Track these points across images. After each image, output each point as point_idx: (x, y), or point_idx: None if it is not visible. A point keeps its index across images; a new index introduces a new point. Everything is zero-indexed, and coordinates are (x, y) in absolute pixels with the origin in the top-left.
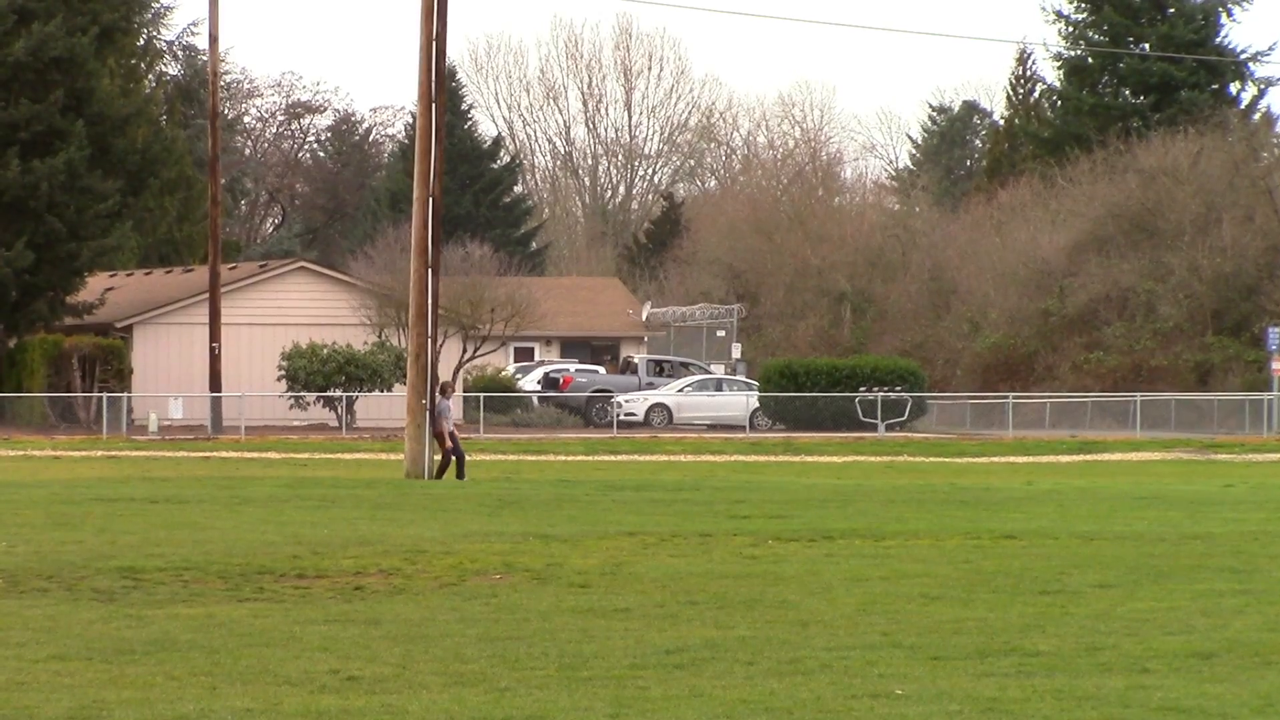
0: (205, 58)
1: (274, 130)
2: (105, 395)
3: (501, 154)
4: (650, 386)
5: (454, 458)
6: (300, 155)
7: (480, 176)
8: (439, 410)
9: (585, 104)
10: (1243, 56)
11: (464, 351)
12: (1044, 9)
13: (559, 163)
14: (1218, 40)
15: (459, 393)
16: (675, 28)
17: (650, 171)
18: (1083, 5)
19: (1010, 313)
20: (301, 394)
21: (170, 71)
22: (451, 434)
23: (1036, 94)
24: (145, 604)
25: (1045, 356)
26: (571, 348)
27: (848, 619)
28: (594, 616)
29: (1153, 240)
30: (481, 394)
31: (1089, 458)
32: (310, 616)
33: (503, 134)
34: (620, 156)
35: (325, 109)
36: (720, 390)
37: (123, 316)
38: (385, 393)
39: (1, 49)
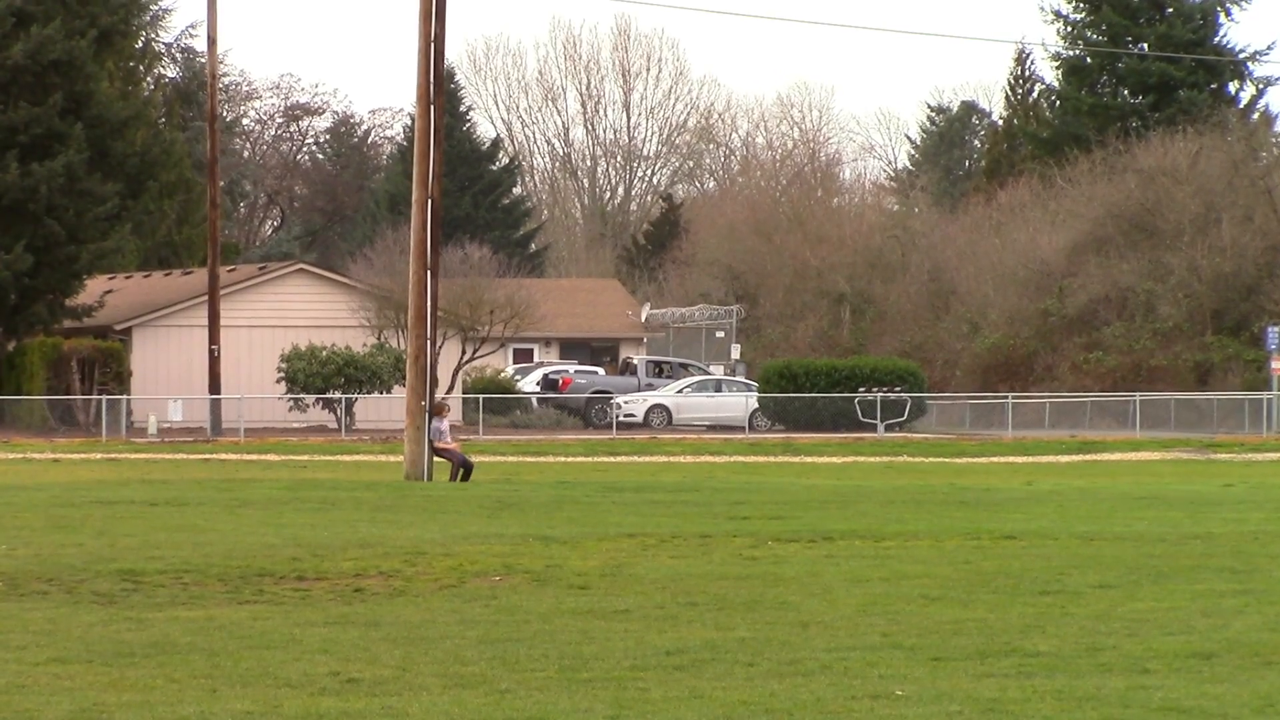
0: (204, 60)
1: (273, 132)
2: (104, 398)
3: (500, 156)
4: (649, 388)
5: (454, 463)
6: (299, 157)
7: (479, 178)
8: (434, 434)
9: (584, 105)
10: (1241, 56)
11: (463, 353)
12: (1042, 9)
13: (558, 164)
14: (1216, 40)
15: (458, 394)
16: (673, 29)
17: (649, 173)
18: (1081, 5)
19: (1009, 313)
20: (301, 396)
21: (169, 74)
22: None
23: (1035, 94)
24: (145, 607)
25: (1044, 357)
26: (571, 349)
27: (848, 620)
28: (594, 618)
29: (1152, 240)
30: (481, 395)
31: (1088, 458)
32: (310, 619)
33: (501, 136)
34: (619, 158)
35: (324, 111)
36: (719, 391)
37: (122, 319)
38: (384, 395)
39: (0, 52)
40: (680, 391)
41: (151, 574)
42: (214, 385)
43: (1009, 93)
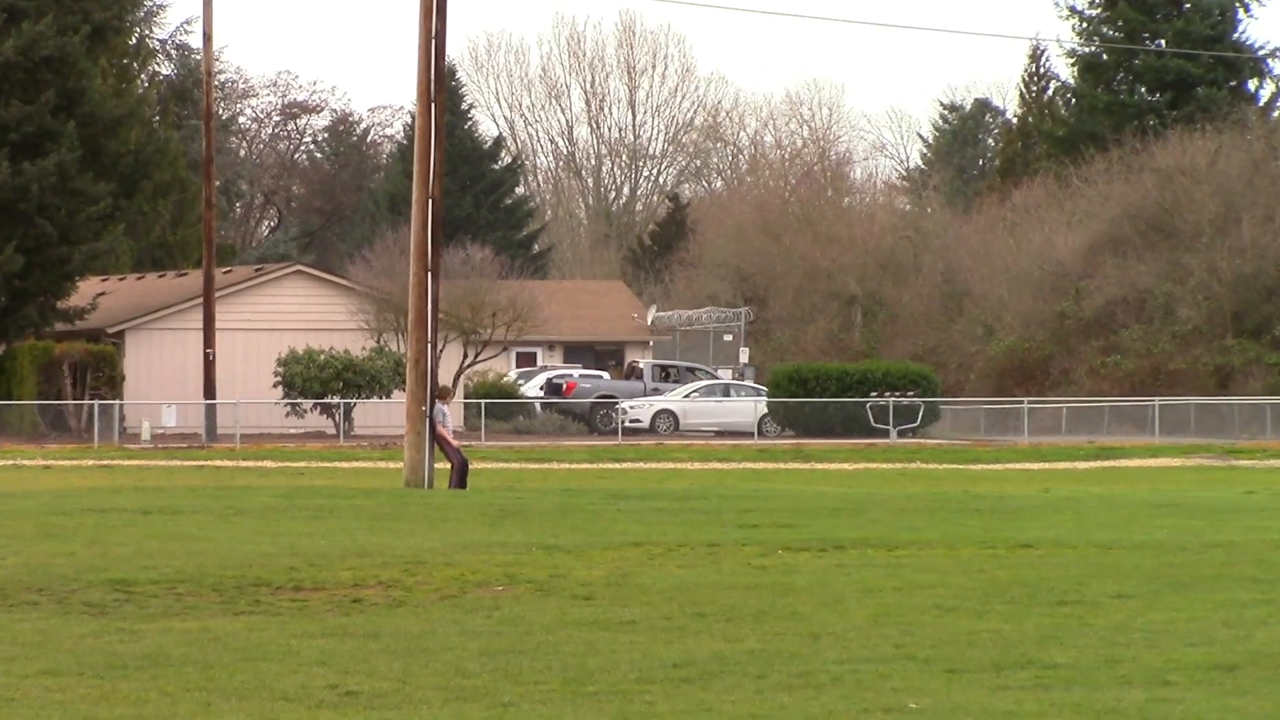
0: (199, 57)
1: (269, 131)
2: (97, 403)
3: (503, 155)
4: (656, 392)
5: (453, 463)
6: (296, 156)
7: (481, 178)
8: (437, 415)
9: (588, 103)
10: (1261, 53)
11: (465, 357)
12: (1057, 5)
13: (561, 163)
14: (1235, 36)
15: (459, 399)
16: (679, 25)
17: (655, 172)
18: (1097, 1)
19: (1025, 316)
20: (298, 401)
21: (163, 71)
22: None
23: (1050, 91)
24: (138, 618)
25: (1061, 360)
26: (575, 353)
27: (860, 631)
28: (599, 629)
29: (1170, 241)
30: (483, 400)
31: (1106, 464)
32: (307, 630)
33: (504, 134)
34: (624, 157)
35: (322, 109)
36: (728, 396)
37: (115, 322)
38: (384, 399)
39: None
40: (687, 396)
41: (144, 584)
42: (209, 390)
43: (1023, 90)
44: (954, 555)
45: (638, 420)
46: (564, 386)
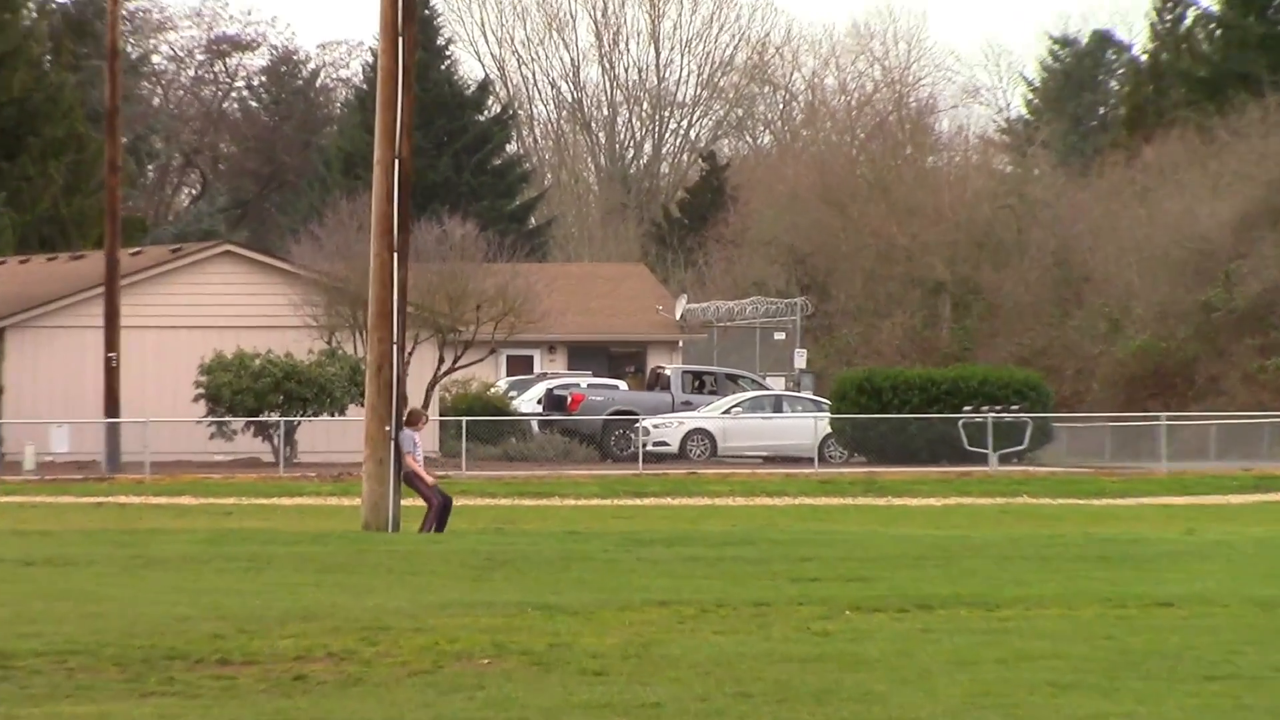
0: None
1: (191, 74)
2: None
3: (490, 103)
4: (687, 407)
5: (429, 503)
6: (226, 106)
7: (463, 132)
8: (405, 443)
9: (599, 37)
10: None
11: (441, 362)
12: None
13: (565, 114)
14: None
15: (434, 417)
16: None
17: (685, 124)
18: None
19: (1161, 307)
20: (226, 419)
21: None
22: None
23: (1188, 21)
24: (17, 700)
25: (1208, 364)
26: (582, 356)
27: (952, 715)
28: (614, 714)
29: None
30: (464, 418)
31: (1266, 497)
32: (236, 716)
33: (491, 77)
34: (645, 105)
35: (258, 46)
36: (780, 411)
37: None
38: (337, 417)
39: None
40: (727, 412)
41: (26, 656)
42: (111, 405)
43: (1155, 20)
44: (1072, 616)
45: (664, 443)
46: (568, 400)
